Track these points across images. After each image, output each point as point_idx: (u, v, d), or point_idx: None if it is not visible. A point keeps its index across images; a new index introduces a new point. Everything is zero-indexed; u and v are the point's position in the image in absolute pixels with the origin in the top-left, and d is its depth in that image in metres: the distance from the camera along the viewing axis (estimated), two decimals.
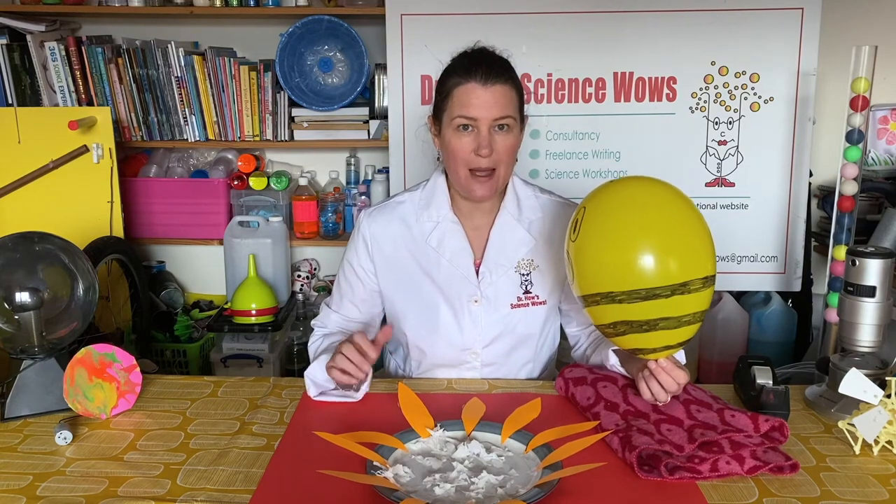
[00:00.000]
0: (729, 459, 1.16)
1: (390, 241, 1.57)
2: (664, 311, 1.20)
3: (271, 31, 2.75)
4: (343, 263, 1.63)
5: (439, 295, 1.55)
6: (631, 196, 1.25)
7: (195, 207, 2.78)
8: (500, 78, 1.43)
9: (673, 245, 1.21)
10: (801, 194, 2.55)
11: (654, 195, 1.25)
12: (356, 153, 2.93)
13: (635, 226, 1.22)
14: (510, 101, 1.44)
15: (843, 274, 1.44)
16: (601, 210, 1.25)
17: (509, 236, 1.56)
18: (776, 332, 2.69)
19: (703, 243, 1.23)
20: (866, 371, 1.28)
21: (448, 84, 1.46)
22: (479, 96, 1.42)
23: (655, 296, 1.19)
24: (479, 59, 1.45)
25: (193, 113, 2.70)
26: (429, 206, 1.57)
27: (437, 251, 1.55)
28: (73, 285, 1.45)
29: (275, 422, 1.35)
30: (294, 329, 2.81)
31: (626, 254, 1.20)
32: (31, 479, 1.16)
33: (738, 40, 2.48)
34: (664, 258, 1.19)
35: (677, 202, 1.24)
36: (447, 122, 1.46)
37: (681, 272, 1.19)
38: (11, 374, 1.41)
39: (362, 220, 1.59)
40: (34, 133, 2.46)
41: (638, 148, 2.56)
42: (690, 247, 1.22)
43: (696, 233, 1.23)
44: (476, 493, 1.10)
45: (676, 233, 1.22)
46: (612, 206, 1.25)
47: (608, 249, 1.22)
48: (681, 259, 1.20)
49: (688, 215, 1.24)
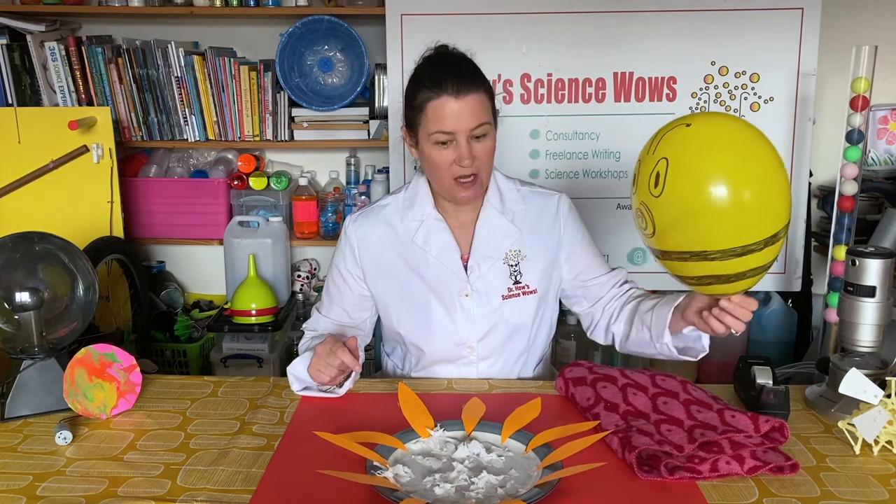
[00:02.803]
0: (729, 459, 1.16)
1: (377, 244, 1.58)
2: (754, 263, 1.17)
3: (271, 31, 2.75)
4: (331, 269, 1.64)
5: (430, 292, 1.56)
6: (721, 145, 1.15)
7: (195, 207, 2.78)
8: (472, 86, 1.42)
9: (768, 198, 1.15)
10: (801, 194, 2.55)
11: (743, 143, 1.15)
12: (356, 153, 2.93)
13: (734, 179, 1.12)
14: (484, 108, 1.44)
15: (843, 274, 1.44)
16: (689, 161, 1.15)
17: (494, 229, 1.57)
18: (776, 332, 2.69)
19: (785, 187, 1.17)
20: (866, 371, 1.28)
21: (419, 98, 1.45)
22: (453, 109, 1.41)
23: (750, 251, 1.15)
24: (448, 69, 1.44)
25: (193, 113, 2.70)
26: (412, 206, 1.58)
27: (424, 249, 1.56)
28: (73, 285, 1.45)
29: (275, 422, 1.35)
30: (294, 329, 2.81)
31: (723, 212, 1.12)
32: (31, 479, 1.17)
33: (738, 40, 2.48)
34: (762, 214, 1.14)
35: (763, 145, 1.16)
36: (424, 136, 1.46)
37: (773, 224, 1.16)
38: (11, 374, 1.41)
39: (348, 226, 1.61)
40: (34, 133, 2.46)
41: (638, 148, 2.53)
42: (781, 196, 1.17)
43: (782, 179, 1.16)
44: (476, 493, 1.10)
45: (770, 184, 1.15)
46: (702, 157, 1.15)
47: (703, 209, 1.13)
48: (774, 211, 1.16)
49: (774, 160, 1.17)
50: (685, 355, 1.48)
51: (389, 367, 1.73)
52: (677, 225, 1.17)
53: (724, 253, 1.15)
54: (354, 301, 1.62)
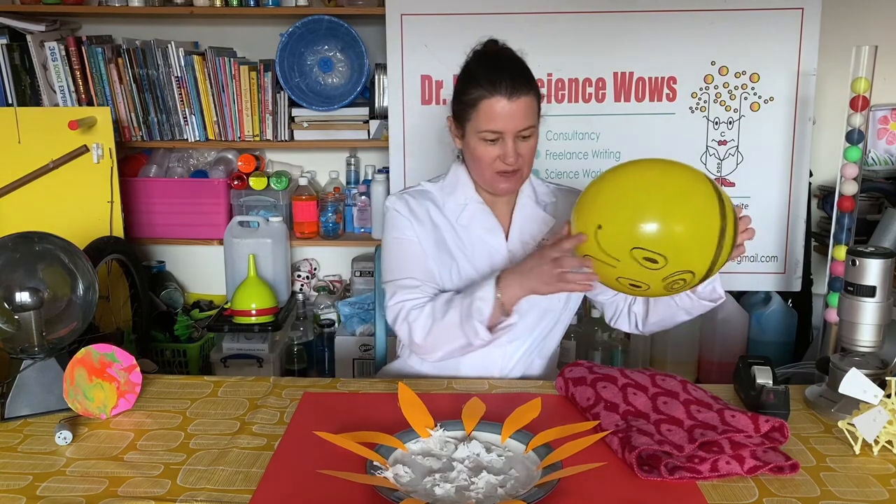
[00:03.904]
0: (729, 459, 1.16)
1: (426, 219, 1.61)
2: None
3: (271, 31, 2.75)
4: (391, 245, 1.61)
5: (472, 271, 1.59)
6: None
7: (195, 207, 2.78)
8: (525, 89, 1.47)
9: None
10: (801, 194, 2.55)
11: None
12: (356, 153, 2.93)
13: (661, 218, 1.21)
14: (533, 110, 1.50)
15: (843, 274, 1.44)
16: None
17: (531, 216, 1.62)
18: (776, 332, 2.69)
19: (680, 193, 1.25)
20: (866, 371, 1.28)
21: (472, 94, 1.48)
22: (505, 109, 1.46)
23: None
24: (503, 70, 1.48)
25: (193, 113, 2.70)
26: (454, 192, 1.62)
27: (469, 229, 1.60)
28: (73, 285, 1.45)
29: (275, 422, 1.35)
30: (294, 329, 2.81)
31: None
32: (31, 479, 1.16)
33: (738, 40, 2.48)
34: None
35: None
36: (472, 131, 1.51)
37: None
38: (11, 374, 1.41)
39: (395, 202, 1.62)
40: (34, 133, 2.46)
41: (638, 148, 2.55)
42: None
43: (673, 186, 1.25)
44: (476, 493, 1.10)
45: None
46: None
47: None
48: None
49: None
50: (705, 299, 1.50)
51: (405, 353, 1.71)
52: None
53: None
54: (429, 265, 1.59)
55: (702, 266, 1.23)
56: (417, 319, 1.52)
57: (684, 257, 1.21)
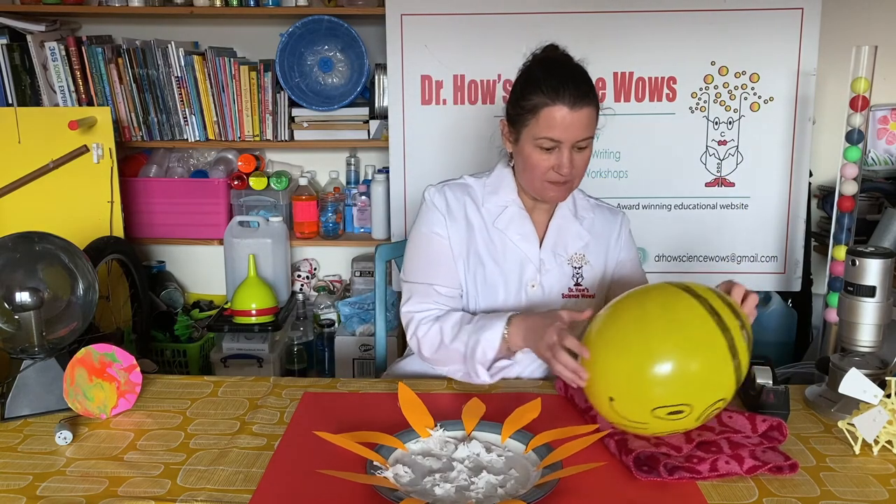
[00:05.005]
0: (728, 459, 1.16)
1: (462, 217, 1.59)
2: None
3: (271, 31, 2.75)
4: (418, 240, 1.60)
5: (500, 276, 1.58)
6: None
7: (195, 207, 2.78)
8: (587, 100, 1.45)
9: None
10: (801, 194, 2.55)
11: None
12: (356, 153, 2.93)
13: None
14: (592, 122, 1.48)
15: (843, 274, 1.44)
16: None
17: (567, 229, 1.61)
18: (776, 332, 2.69)
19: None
20: (866, 371, 1.28)
21: (533, 100, 1.46)
22: (566, 118, 1.44)
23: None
24: (567, 79, 1.45)
25: (193, 113, 2.70)
26: (496, 192, 1.61)
27: (505, 233, 1.58)
28: (73, 285, 1.45)
29: (275, 422, 1.35)
30: (294, 329, 2.81)
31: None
32: (31, 479, 1.16)
33: (738, 40, 2.48)
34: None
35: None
36: (528, 137, 1.49)
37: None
38: (11, 374, 1.41)
39: (434, 194, 1.61)
40: (34, 133, 2.46)
41: (638, 148, 2.56)
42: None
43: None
44: (476, 493, 1.10)
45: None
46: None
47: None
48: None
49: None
50: None
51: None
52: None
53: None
54: (453, 267, 1.58)
55: (729, 388, 1.16)
56: (426, 335, 1.53)
57: (708, 393, 1.15)
